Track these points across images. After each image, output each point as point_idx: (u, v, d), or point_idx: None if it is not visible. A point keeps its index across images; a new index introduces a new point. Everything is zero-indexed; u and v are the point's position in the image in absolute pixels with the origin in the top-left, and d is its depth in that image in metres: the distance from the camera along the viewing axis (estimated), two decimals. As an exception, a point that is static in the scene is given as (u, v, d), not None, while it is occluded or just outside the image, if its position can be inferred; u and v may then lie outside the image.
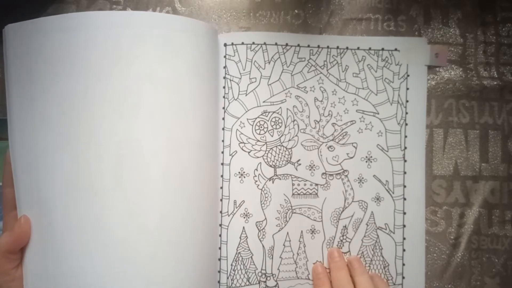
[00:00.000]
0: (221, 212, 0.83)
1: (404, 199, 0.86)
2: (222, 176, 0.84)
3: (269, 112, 0.85)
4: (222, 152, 0.84)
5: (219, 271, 0.83)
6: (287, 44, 0.86)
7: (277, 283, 0.84)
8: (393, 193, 0.86)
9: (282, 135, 0.85)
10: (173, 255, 0.69)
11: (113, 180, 0.66)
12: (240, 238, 0.84)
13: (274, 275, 0.84)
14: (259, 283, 0.84)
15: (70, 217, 0.66)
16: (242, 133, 0.84)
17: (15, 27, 0.69)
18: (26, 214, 0.68)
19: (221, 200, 0.84)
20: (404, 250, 0.85)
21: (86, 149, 0.66)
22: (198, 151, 0.74)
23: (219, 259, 0.83)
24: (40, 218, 0.67)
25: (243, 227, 0.84)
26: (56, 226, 0.66)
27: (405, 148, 0.86)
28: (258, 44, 0.85)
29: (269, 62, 0.85)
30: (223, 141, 0.84)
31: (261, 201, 0.84)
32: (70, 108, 0.66)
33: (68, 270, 0.65)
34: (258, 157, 0.84)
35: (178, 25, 0.71)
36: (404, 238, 0.85)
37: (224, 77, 0.84)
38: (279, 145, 0.85)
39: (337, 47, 0.86)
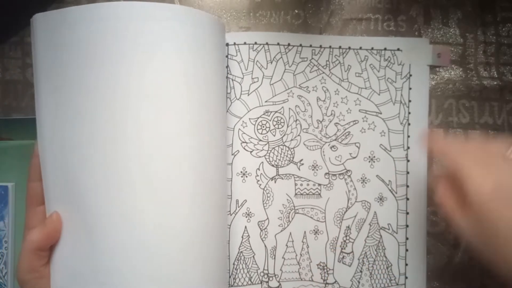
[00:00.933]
0: (223, 211, 0.83)
1: (407, 199, 0.86)
2: (224, 175, 0.83)
3: (271, 112, 0.85)
4: (224, 152, 0.83)
5: (222, 270, 0.83)
6: (289, 44, 0.86)
7: (280, 284, 0.84)
8: (396, 193, 0.86)
9: (284, 135, 0.85)
10: (200, 254, 0.68)
11: (144, 177, 0.64)
12: (242, 237, 0.84)
13: (276, 276, 0.84)
14: (261, 283, 0.84)
15: (101, 215, 0.64)
16: (244, 133, 0.84)
17: (43, 17, 0.66)
18: (56, 211, 0.66)
19: (223, 199, 0.83)
20: (407, 250, 0.86)
21: (118, 145, 0.63)
22: (220, 150, 0.74)
23: (221, 258, 0.83)
24: (71, 215, 0.65)
25: (245, 227, 0.84)
26: (87, 223, 0.64)
27: (408, 148, 0.86)
28: (260, 44, 0.85)
29: (271, 62, 0.85)
30: (225, 140, 0.83)
31: (263, 201, 0.84)
32: (102, 102, 0.63)
33: (97, 269, 0.64)
34: (260, 157, 0.85)
35: (204, 20, 0.69)
36: (407, 238, 0.86)
37: (227, 77, 0.84)
38: (281, 145, 0.85)
39: (340, 47, 0.86)
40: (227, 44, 0.84)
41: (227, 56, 0.84)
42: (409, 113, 0.86)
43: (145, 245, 0.63)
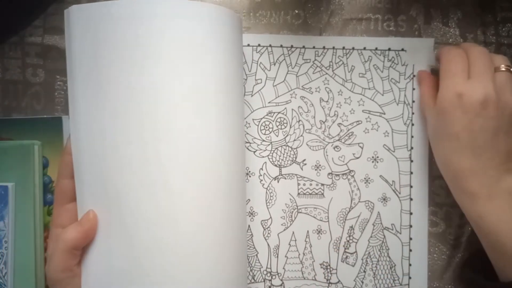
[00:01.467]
0: (226, 210, 0.83)
1: (411, 199, 0.86)
2: (227, 175, 0.83)
3: (274, 113, 0.85)
4: (228, 152, 0.83)
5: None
6: (292, 46, 0.86)
7: (283, 282, 0.85)
8: (399, 193, 0.86)
9: (287, 135, 0.85)
10: (234, 251, 0.69)
11: (184, 177, 0.63)
12: (245, 236, 0.84)
13: (279, 274, 0.85)
14: (264, 281, 0.85)
15: (139, 214, 0.63)
16: (247, 133, 0.85)
17: (80, 10, 0.64)
18: (92, 209, 0.65)
19: (226, 198, 0.83)
20: (410, 250, 0.86)
21: (158, 145, 0.63)
22: (243, 149, 0.74)
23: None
24: (106, 213, 0.65)
25: (249, 225, 0.85)
26: (123, 222, 0.64)
27: (412, 148, 0.87)
28: (263, 46, 0.85)
29: (275, 64, 0.85)
30: (228, 140, 0.83)
31: (266, 200, 0.85)
32: (142, 102, 0.62)
33: (135, 267, 0.63)
34: (263, 157, 0.85)
35: (234, 20, 0.69)
36: (410, 238, 0.86)
37: (233, 78, 0.84)
38: (284, 145, 0.85)
39: (343, 48, 0.86)
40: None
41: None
42: (412, 113, 0.86)
43: (183, 244, 0.64)
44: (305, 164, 0.86)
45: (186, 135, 0.63)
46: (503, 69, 0.75)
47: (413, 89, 0.86)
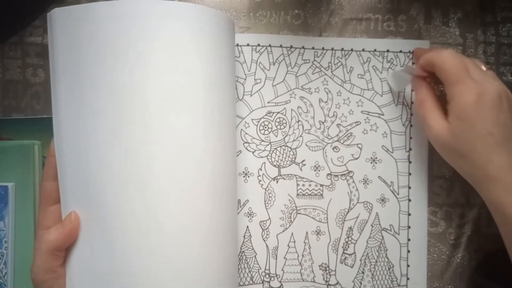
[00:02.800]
0: (225, 210, 0.83)
1: (409, 200, 0.86)
2: (226, 175, 0.83)
3: (273, 113, 0.85)
4: (226, 152, 0.83)
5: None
6: (291, 46, 0.86)
7: (281, 284, 0.84)
8: (398, 194, 0.86)
9: (286, 136, 0.85)
10: (219, 253, 0.68)
11: (168, 177, 0.63)
12: (244, 237, 0.84)
13: (278, 276, 0.84)
14: (262, 283, 0.84)
15: (122, 215, 0.63)
16: (246, 133, 0.84)
17: (62, 12, 0.64)
18: (74, 210, 0.65)
19: (225, 199, 0.83)
20: (408, 251, 0.86)
21: (140, 145, 0.62)
22: (233, 150, 0.73)
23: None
24: (89, 215, 0.64)
25: (247, 226, 0.84)
26: (106, 224, 0.63)
27: (410, 149, 0.87)
28: (263, 46, 0.85)
29: (274, 64, 0.85)
30: (227, 140, 0.83)
31: (265, 201, 0.85)
32: (124, 102, 0.62)
33: (118, 269, 0.63)
34: (262, 157, 0.85)
35: (222, 21, 0.69)
36: (408, 239, 0.86)
37: (230, 78, 0.83)
38: (284, 145, 0.85)
39: (342, 49, 0.86)
40: (230, 46, 0.84)
41: (230, 57, 0.84)
42: (411, 114, 0.87)
43: (167, 245, 0.63)
44: (304, 164, 0.86)
45: (169, 135, 0.63)
46: (485, 68, 0.76)
47: (412, 90, 0.86)
